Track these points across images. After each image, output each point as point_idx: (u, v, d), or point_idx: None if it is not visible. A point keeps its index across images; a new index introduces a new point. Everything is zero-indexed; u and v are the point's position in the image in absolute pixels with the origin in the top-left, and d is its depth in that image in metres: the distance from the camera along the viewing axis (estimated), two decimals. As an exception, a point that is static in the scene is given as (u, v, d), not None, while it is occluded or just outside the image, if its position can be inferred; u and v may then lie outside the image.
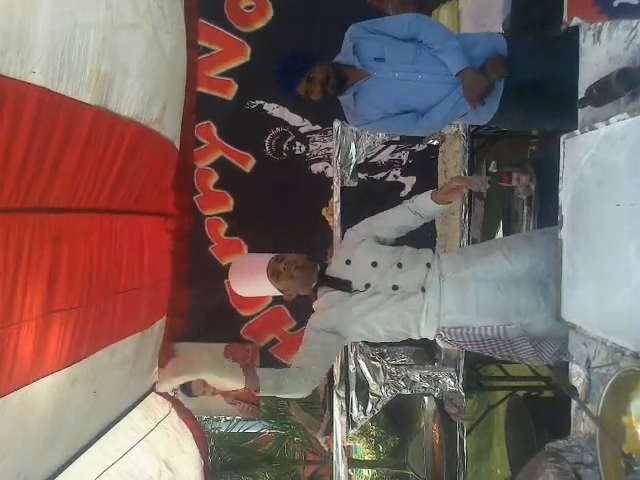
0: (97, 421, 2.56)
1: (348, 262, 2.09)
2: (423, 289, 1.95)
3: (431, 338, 2.03)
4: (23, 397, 1.71)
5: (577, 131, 1.65)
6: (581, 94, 1.69)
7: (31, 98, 1.50)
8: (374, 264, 2.03)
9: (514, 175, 3.77)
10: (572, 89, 1.74)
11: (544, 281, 1.89)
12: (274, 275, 2.14)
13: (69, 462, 2.33)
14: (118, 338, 2.35)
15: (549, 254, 1.84)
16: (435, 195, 2.08)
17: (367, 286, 2.00)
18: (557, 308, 1.74)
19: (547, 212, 3.32)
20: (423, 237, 3.67)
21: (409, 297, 1.96)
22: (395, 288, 1.98)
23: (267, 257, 2.20)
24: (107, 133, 1.95)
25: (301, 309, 4.08)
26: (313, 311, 2.15)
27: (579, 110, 1.72)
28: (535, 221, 3.45)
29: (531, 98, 2.35)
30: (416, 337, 2.06)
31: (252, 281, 2.24)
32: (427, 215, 2.15)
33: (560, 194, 1.72)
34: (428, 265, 2.00)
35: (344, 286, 2.04)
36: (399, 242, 2.20)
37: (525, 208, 3.63)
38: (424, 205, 2.11)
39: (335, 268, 2.13)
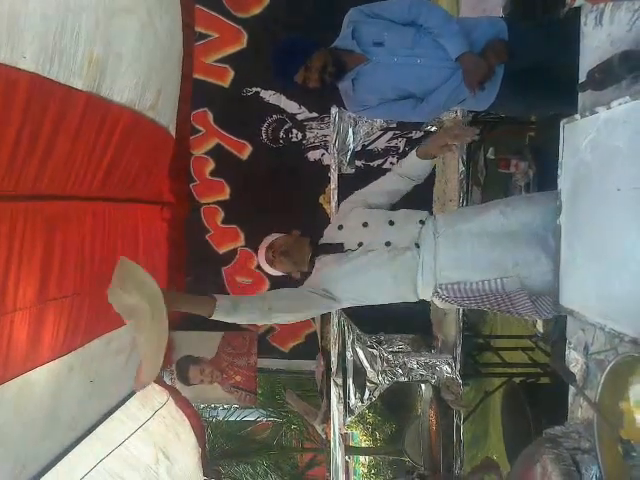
0: (94, 409, 2.56)
1: (340, 227, 2.10)
2: (417, 245, 1.94)
3: (428, 298, 2.01)
4: (20, 385, 1.70)
5: (577, 115, 1.62)
6: (582, 78, 1.66)
7: (22, 84, 1.48)
8: (365, 224, 2.03)
9: (512, 161, 3.75)
10: (573, 73, 1.72)
11: (542, 234, 1.86)
12: (269, 263, 2.20)
13: (67, 450, 2.34)
14: (113, 327, 2.34)
15: (547, 210, 1.81)
16: (420, 149, 2.10)
17: (360, 244, 2.00)
18: (555, 291, 1.73)
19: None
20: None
21: (403, 254, 1.94)
22: (388, 244, 1.96)
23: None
24: (100, 119, 1.92)
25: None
26: None
27: (580, 94, 1.70)
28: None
29: (531, 83, 2.32)
30: (414, 298, 2.02)
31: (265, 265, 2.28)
32: (415, 175, 2.17)
33: (559, 180, 1.70)
34: (421, 222, 1.99)
35: (337, 248, 2.03)
36: (394, 208, 2.20)
37: (523, 194, 3.62)
38: (410, 164, 2.15)
39: (328, 236, 2.14)
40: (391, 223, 2.01)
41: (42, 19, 1.50)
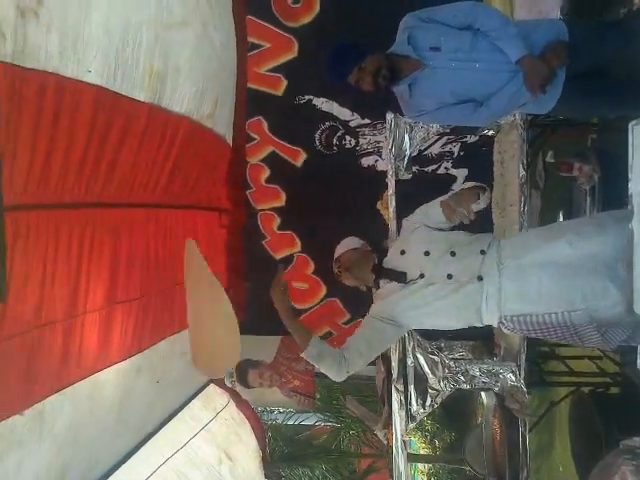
0: (160, 410, 2.65)
1: (402, 252, 2.08)
2: (480, 277, 1.90)
3: (495, 325, 1.98)
4: (91, 386, 1.79)
5: (647, 117, 1.56)
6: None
7: (88, 96, 1.55)
8: (427, 253, 2.00)
9: (575, 165, 3.62)
10: (636, 74, 1.64)
11: (612, 266, 1.77)
12: (335, 275, 2.26)
13: (136, 449, 2.43)
14: (178, 329, 2.42)
15: (618, 240, 1.74)
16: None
17: (421, 276, 1.98)
18: (629, 300, 1.65)
19: (613, 202, 3.17)
20: (480, 230, 3.59)
21: (465, 286, 1.91)
22: (450, 277, 1.93)
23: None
24: (161, 130, 2.00)
25: (355, 302, 4.07)
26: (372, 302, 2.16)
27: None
28: (600, 212, 3.30)
29: (594, 85, 2.23)
30: (479, 325, 1.99)
31: None
32: None
33: (630, 183, 1.63)
34: (482, 252, 1.94)
35: (399, 277, 2.02)
36: (455, 228, 2.15)
37: (588, 199, 3.48)
38: None
39: (391, 259, 2.13)
40: (452, 254, 1.97)
41: (105, 34, 1.57)
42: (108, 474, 2.21)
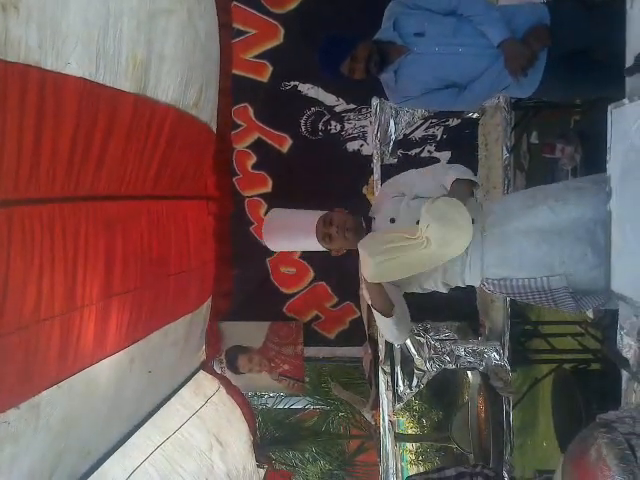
0: (152, 398, 2.67)
1: (392, 220, 2.07)
2: None
3: (477, 286, 2.04)
4: (87, 377, 1.80)
5: (625, 100, 1.59)
6: (629, 62, 1.63)
7: (70, 89, 1.53)
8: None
9: (558, 146, 3.68)
10: (618, 57, 1.68)
11: (591, 229, 1.82)
12: (325, 238, 2.12)
13: (127, 437, 2.45)
14: (171, 319, 2.43)
15: (598, 203, 1.77)
16: None
17: None
18: (606, 266, 1.71)
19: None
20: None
21: None
22: None
23: (311, 216, 2.15)
24: (148, 120, 1.99)
25: (342, 286, 4.12)
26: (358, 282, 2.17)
27: (627, 79, 1.66)
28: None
29: (576, 68, 2.27)
30: (462, 285, 2.05)
31: (294, 239, 2.20)
32: None
33: (608, 165, 1.67)
34: (473, 221, 1.91)
35: None
36: None
37: (572, 184, 3.53)
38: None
39: (380, 225, 2.11)
40: None
41: (84, 25, 1.54)
42: (100, 463, 2.23)
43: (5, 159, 1.36)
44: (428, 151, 3.95)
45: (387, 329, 2.05)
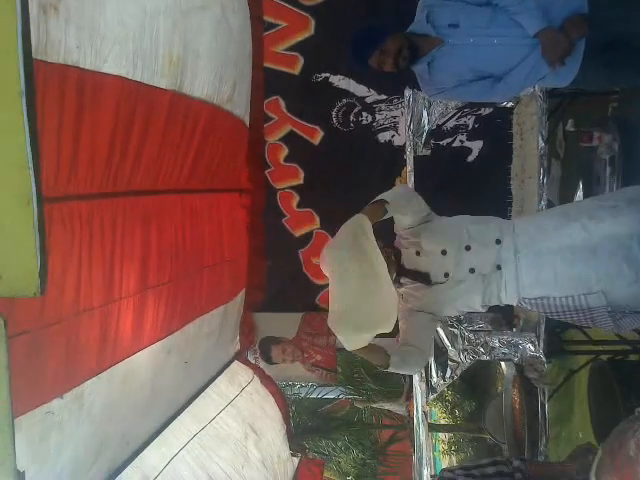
0: (188, 388, 2.73)
1: (418, 254, 2.05)
2: (499, 267, 1.94)
3: (515, 305, 2.04)
4: (126, 368, 1.86)
5: (668, 85, 1.55)
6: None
7: (108, 87, 1.57)
8: (444, 252, 2.00)
9: (595, 134, 3.58)
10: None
11: (626, 244, 1.80)
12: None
13: (164, 426, 2.51)
14: (205, 311, 2.48)
15: (632, 218, 1.76)
16: None
17: (446, 275, 1.99)
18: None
19: (633, 172, 3.14)
20: (499, 202, 3.58)
21: (488, 277, 1.95)
22: (472, 271, 1.96)
23: None
24: (183, 116, 2.02)
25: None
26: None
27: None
28: (619, 182, 3.27)
29: (614, 55, 2.21)
30: (500, 305, 2.06)
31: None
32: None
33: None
34: (498, 241, 1.95)
35: (424, 279, 2.03)
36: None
37: (608, 169, 3.45)
38: None
39: (408, 259, 2.09)
40: (467, 248, 1.98)
41: (121, 25, 1.58)
42: (138, 451, 2.29)
43: (45, 158, 1.41)
44: (460, 140, 3.89)
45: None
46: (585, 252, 1.85)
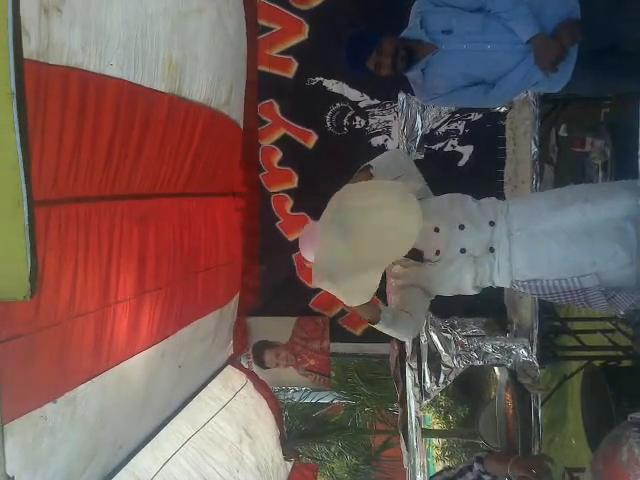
0: (182, 392, 2.72)
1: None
2: (492, 249, 1.92)
3: (507, 287, 2.02)
4: (120, 372, 1.84)
5: (660, 92, 1.57)
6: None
7: (111, 91, 1.57)
8: (437, 229, 1.98)
9: (588, 140, 3.61)
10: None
11: (621, 226, 1.81)
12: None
13: (157, 430, 2.50)
14: (201, 315, 2.47)
15: (629, 204, 1.77)
16: None
17: (437, 253, 1.98)
18: (637, 262, 1.68)
19: (625, 177, 3.16)
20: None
21: (480, 258, 1.94)
22: (463, 251, 1.94)
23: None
24: (182, 119, 2.02)
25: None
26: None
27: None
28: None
29: (607, 62, 2.23)
30: (492, 286, 2.03)
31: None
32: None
33: (640, 160, 1.65)
34: (491, 223, 1.94)
35: (417, 256, 2.02)
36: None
37: (600, 173, 3.47)
38: None
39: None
40: (461, 227, 1.97)
41: (124, 26, 1.57)
42: (132, 455, 2.28)
43: (45, 159, 1.40)
44: (451, 145, 3.91)
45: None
46: (581, 235, 1.85)
